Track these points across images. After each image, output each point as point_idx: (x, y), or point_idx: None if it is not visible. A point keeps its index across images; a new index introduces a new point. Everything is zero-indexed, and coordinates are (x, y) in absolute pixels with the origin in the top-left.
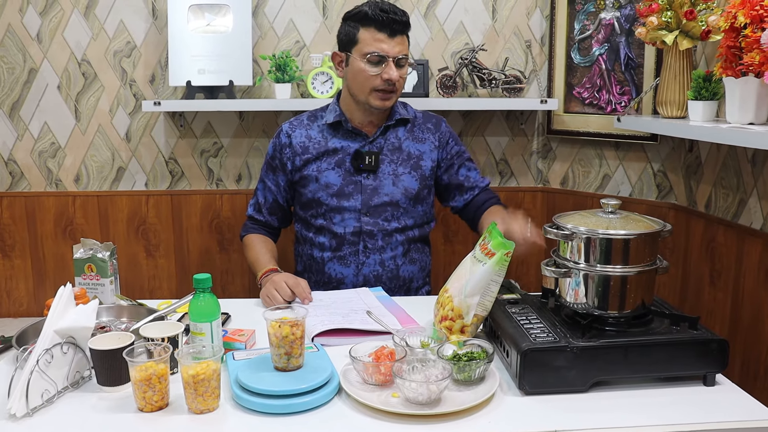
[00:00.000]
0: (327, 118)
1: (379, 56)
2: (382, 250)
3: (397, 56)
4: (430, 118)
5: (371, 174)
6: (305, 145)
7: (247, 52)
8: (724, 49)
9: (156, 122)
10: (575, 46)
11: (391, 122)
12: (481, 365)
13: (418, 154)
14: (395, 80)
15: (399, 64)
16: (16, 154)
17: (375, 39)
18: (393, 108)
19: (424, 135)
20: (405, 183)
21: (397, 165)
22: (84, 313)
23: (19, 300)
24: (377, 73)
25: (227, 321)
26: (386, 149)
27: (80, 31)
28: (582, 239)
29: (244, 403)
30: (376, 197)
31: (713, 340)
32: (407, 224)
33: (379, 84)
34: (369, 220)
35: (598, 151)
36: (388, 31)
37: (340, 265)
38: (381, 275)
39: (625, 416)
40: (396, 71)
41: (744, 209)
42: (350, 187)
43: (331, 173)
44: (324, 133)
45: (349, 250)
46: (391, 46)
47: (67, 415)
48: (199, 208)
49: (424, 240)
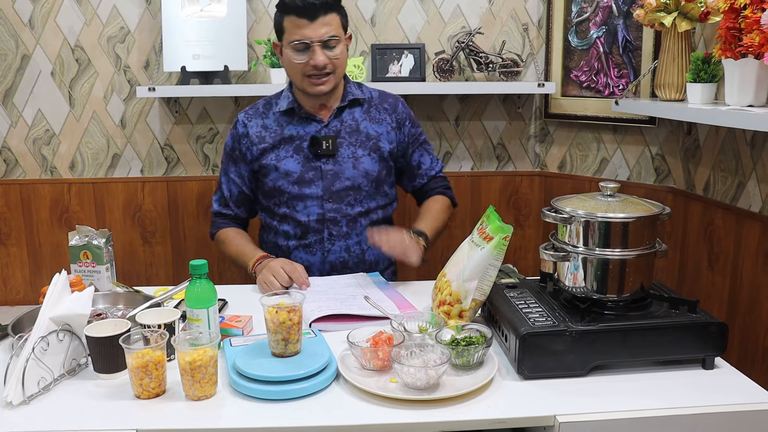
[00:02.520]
0: (280, 106)
1: (303, 43)
2: (347, 236)
3: (321, 39)
4: (386, 98)
5: (330, 159)
6: (261, 135)
7: (242, 36)
8: (723, 31)
9: (151, 108)
10: (573, 28)
11: (344, 103)
12: (479, 350)
13: (376, 135)
14: (322, 65)
15: (328, 45)
16: (10, 142)
17: (296, 26)
18: (345, 88)
19: (381, 115)
20: (365, 165)
21: (356, 147)
22: (79, 301)
23: (16, 288)
24: (304, 60)
25: (224, 307)
26: (344, 132)
27: (73, 17)
28: (581, 223)
29: (242, 389)
30: (337, 182)
31: (712, 324)
32: (370, 207)
33: (308, 70)
34: (332, 206)
35: (595, 134)
36: (308, 16)
37: (306, 253)
38: (347, 261)
39: (624, 400)
40: (322, 55)
41: (743, 192)
42: (310, 173)
43: (290, 161)
44: (279, 121)
45: (314, 238)
46: (314, 30)
47: (63, 402)
48: (195, 194)
49: (388, 221)
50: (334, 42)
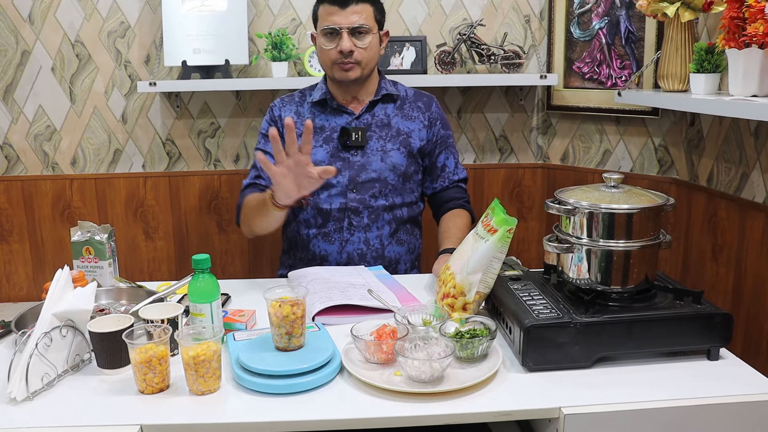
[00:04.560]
0: (313, 97)
1: (332, 29)
2: (368, 228)
3: (350, 26)
4: (421, 97)
5: (359, 150)
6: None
7: (243, 30)
8: (726, 20)
9: (152, 103)
10: (575, 20)
11: (376, 98)
12: (483, 342)
13: (408, 131)
14: (347, 51)
15: (357, 33)
16: (11, 138)
17: (328, 13)
18: (379, 84)
19: (414, 113)
20: (393, 159)
21: (385, 141)
22: (82, 296)
23: (19, 284)
24: (333, 46)
25: (227, 302)
26: (374, 126)
27: (73, 12)
28: (584, 214)
29: (246, 383)
30: (363, 173)
31: (717, 315)
32: (395, 202)
33: (337, 57)
34: (355, 196)
35: (598, 126)
36: (340, 3)
37: (325, 242)
38: (365, 254)
39: (629, 391)
40: (349, 42)
41: (746, 183)
42: (338, 163)
43: (319, 150)
44: (312, 111)
45: (333, 226)
46: (344, 17)
47: (67, 398)
48: (198, 189)
49: (414, 221)
50: (363, 30)
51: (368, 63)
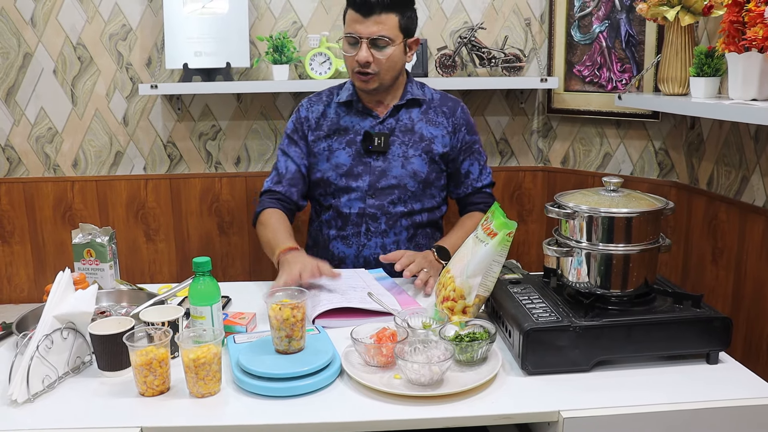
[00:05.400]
0: (340, 97)
1: (353, 37)
2: (385, 234)
3: (370, 37)
4: (447, 101)
5: (381, 156)
6: (320, 122)
7: (244, 33)
8: (726, 24)
9: (153, 106)
10: (575, 23)
11: (401, 102)
12: (483, 346)
13: (430, 137)
14: (363, 61)
15: (377, 45)
16: (13, 140)
17: (352, 20)
18: (406, 87)
19: (439, 118)
20: (414, 166)
21: (407, 147)
22: (83, 299)
23: (20, 286)
24: (352, 54)
25: (228, 304)
26: (398, 130)
27: (75, 15)
28: (584, 218)
29: (246, 386)
30: (383, 179)
31: (716, 318)
32: (414, 208)
33: (355, 66)
34: (374, 202)
35: (598, 129)
36: (363, 12)
37: (343, 245)
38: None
39: (628, 395)
40: (367, 53)
41: (746, 186)
42: (359, 168)
43: (342, 153)
44: (338, 111)
45: (352, 230)
46: (365, 27)
47: (68, 400)
48: (198, 191)
49: (434, 225)
50: (383, 42)
51: (386, 74)
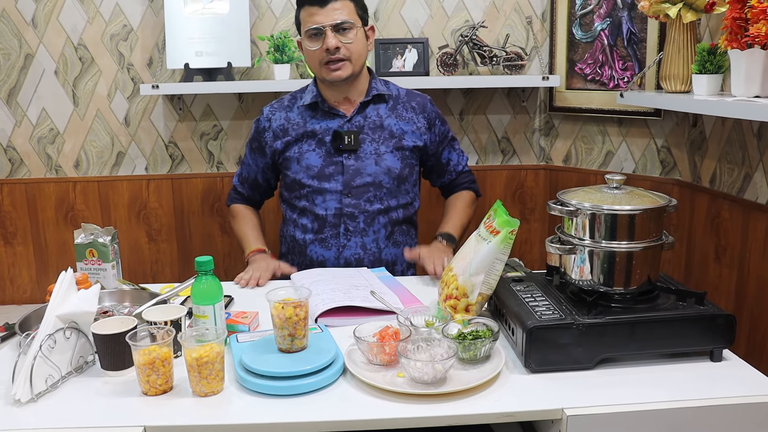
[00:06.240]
0: (304, 100)
1: (315, 29)
2: (364, 233)
3: (333, 23)
4: (414, 97)
5: (352, 154)
6: (285, 128)
7: (245, 33)
8: (729, 21)
9: (155, 106)
10: (577, 21)
11: (367, 98)
12: (486, 344)
13: (401, 133)
14: (333, 48)
15: (340, 30)
16: (14, 141)
17: (309, 15)
18: (370, 84)
19: (408, 114)
20: (388, 162)
21: (378, 144)
22: (86, 298)
23: (23, 287)
24: (318, 46)
25: (230, 303)
26: (367, 127)
27: (75, 15)
28: (587, 215)
29: (249, 385)
30: (358, 178)
31: (720, 316)
32: (390, 205)
33: (323, 56)
34: (350, 201)
35: (600, 127)
36: (319, 3)
37: (322, 248)
38: (362, 258)
39: (632, 392)
40: (334, 38)
41: (749, 184)
42: (331, 168)
43: (312, 155)
44: (303, 115)
45: (330, 232)
46: (325, 16)
47: (71, 399)
48: (200, 191)
49: (409, 222)
50: (347, 26)
51: (357, 58)
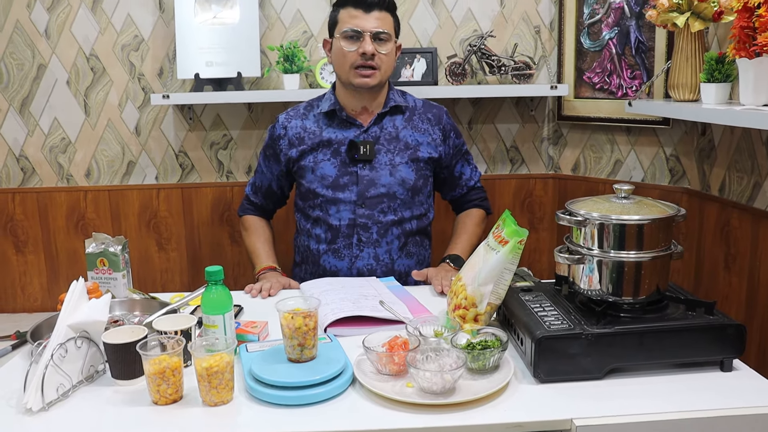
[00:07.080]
0: (322, 107)
1: (354, 31)
2: (377, 244)
3: (373, 30)
4: (430, 108)
5: (367, 164)
6: (300, 136)
7: (255, 43)
8: (737, 30)
9: (165, 115)
10: (585, 30)
11: (385, 109)
12: (495, 354)
13: (416, 144)
14: (370, 53)
15: (379, 39)
16: (27, 150)
17: (351, 16)
18: (388, 95)
19: (424, 125)
20: (402, 173)
21: (393, 154)
22: (97, 308)
23: (34, 295)
24: (354, 49)
25: (240, 313)
26: (383, 138)
27: (88, 26)
28: (595, 225)
29: (259, 395)
30: (372, 188)
31: (730, 325)
32: (404, 216)
33: (357, 60)
34: (364, 212)
35: (609, 136)
36: (364, 7)
37: (335, 258)
38: (375, 269)
39: (641, 403)
40: (372, 45)
41: (759, 192)
42: (345, 178)
43: (327, 164)
44: (319, 123)
45: (343, 242)
46: (367, 21)
47: (82, 409)
48: (210, 200)
49: (424, 233)
50: (384, 37)
51: (386, 70)
